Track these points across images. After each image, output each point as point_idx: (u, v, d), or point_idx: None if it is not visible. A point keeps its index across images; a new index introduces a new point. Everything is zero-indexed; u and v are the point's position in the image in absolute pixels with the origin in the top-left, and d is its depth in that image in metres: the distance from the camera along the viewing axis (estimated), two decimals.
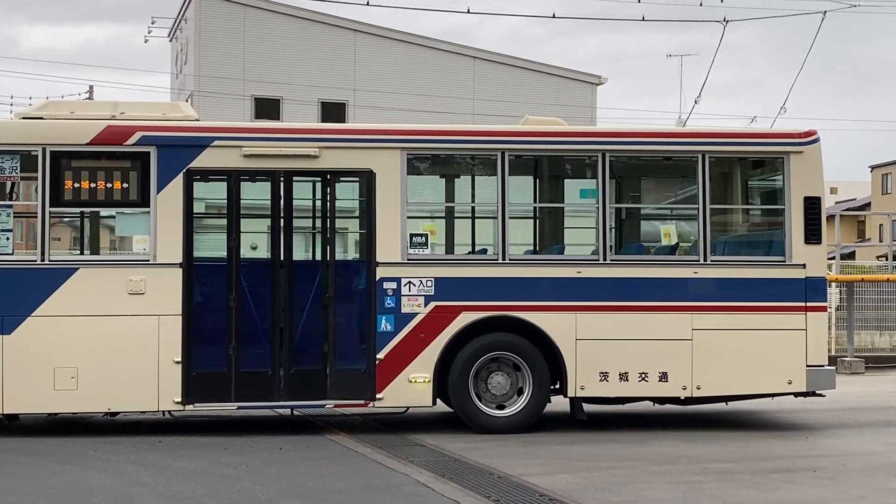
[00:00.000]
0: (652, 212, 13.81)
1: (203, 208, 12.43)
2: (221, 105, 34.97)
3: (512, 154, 11.88)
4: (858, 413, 13.66)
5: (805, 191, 11.92)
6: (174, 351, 11.20)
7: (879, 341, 20.81)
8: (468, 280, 11.61)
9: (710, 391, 11.80)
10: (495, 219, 11.79)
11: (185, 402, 11.24)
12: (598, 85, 41.04)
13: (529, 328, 11.59)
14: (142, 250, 11.39)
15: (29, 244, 12.06)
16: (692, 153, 12.05)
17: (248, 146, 11.50)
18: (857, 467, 9.86)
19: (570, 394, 11.64)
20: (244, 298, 11.44)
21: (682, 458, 10.25)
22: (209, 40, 37.08)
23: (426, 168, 12.60)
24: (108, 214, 12.13)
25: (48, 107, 11.91)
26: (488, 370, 11.69)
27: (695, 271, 11.82)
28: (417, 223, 12.04)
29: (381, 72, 37.93)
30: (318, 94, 37.30)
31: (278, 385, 11.41)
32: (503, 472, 9.42)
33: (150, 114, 11.69)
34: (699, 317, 11.71)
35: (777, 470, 9.71)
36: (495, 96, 37.55)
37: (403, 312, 11.48)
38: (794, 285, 11.81)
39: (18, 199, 11.77)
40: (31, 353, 11.05)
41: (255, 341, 11.47)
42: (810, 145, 12.02)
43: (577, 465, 9.90)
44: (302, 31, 38.05)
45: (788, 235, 11.88)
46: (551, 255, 12.51)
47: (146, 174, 11.32)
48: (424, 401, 11.49)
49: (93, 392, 11.15)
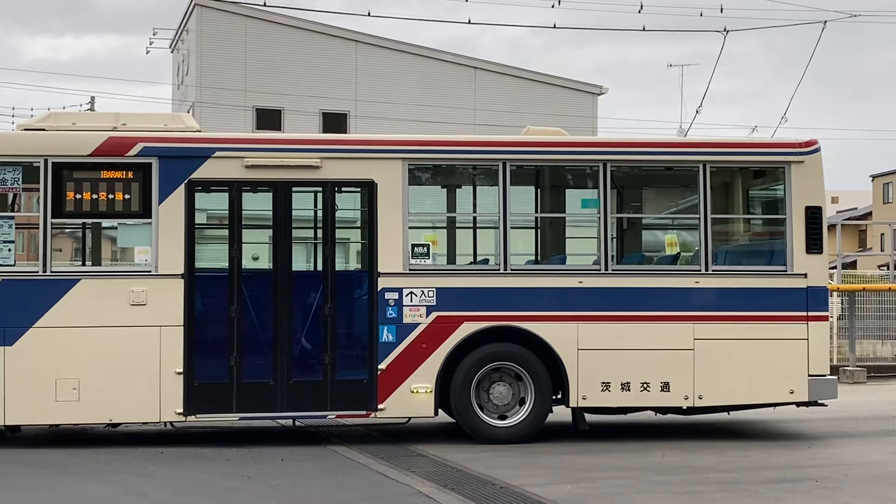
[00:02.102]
0: (653, 221, 13.82)
1: (205, 219, 12.43)
2: (223, 116, 34.99)
3: (513, 164, 11.89)
4: (861, 423, 13.64)
5: (806, 200, 11.93)
6: (176, 362, 11.20)
7: (881, 350, 20.80)
8: (470, 290, 11.62)
9: (711, 401, 11.79)
10: (497, 229, 11.80)
11: (187, 412, 11.24)
12: (599, 95, 41.04)
13: (531, 338, 11.59)
14: (143, 261, 11.40)
15: (31, 255, 12.05)
16: (693, 163, 12.06)
17: (250, 157, 11.51)
18: (860, 477, 9.85)
19: (572, 404, 11.63)
20: (246, 309, 11.44)
21: (684, 469, 10.24)
22: (211, 51, 37.12)
23: (427, 178, 12.61)
24: (109, 225, 12.14)
25: (50, 118, 11.93)
26: (490, 380, 11.69)
27: (696, 281, 11.83)
28: (419, 233, 12.05)
29: (382, 82, 37.96)
30: (320, 104, 37.32)
31: (280, 396, 11.41)
32: (505, 483, 9.41)
33: (152, 125, 11.70)
34: (701, 326, 11.71)
35: (779, 480, 9.70)
36: (496, 106, 37.55)
37: (405, 323, 11.48)
38: (795, 295, 11.80)
39: (20, 211, 11.79)
40: (32, 365, 11.05)
41: (256, 352, 11.48)
42: (811, 155, 12.03)
43: (580, 475, 9.89)
44: (303, 42, 38.08)
45: (790, 245, 11.88)
46: (553, 265, 12.51)
47: (148, 185, 11.34)
48: (426, 411, 11.49)
49: (94, 403, 11.15)
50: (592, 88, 41.06)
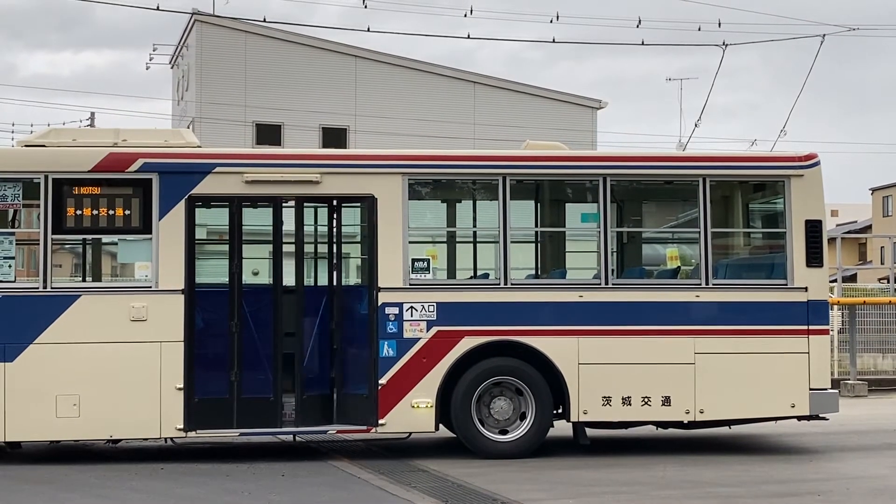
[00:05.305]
0: (653, 235, 13.83)
1: (205, 234, 12.44)
2: (223, 131, 35.05)
3: (513, 179, 11.90)
4: (862, 436, 13.62)
5: (806, 214, 11.94)
6: (176, 377, 11.18)
7: (882, 364, 20.77)
8: (470, 305, 11.61)
9: (713, 415, 11.77)
10: (497, 243, 11.80)
11: (188, 428, 11.22)
12: (598, 109, 41.09)
13: (532, 353, 11.58)
14: (144, 277, 11.41)
15: (31, 271, 12.06)
16: (693, 177, 12.07)
17: (250, 172, 11.52)
18: (862, 491, 9.83)
19: (573, 418, 11.62)
20: (246, 324, 11.44)
21: (685, 483, 10.22)
22: (210, 67, 37.19)
23: (428, 193, 12.62)
24: (110, 241, 12.12)
25: (50, 134, 11.95)
26: (491, 395, 11.67)
27: (697, 295, 11.82)
28: (419, 248, 12.05)
29: (381, 97, 38.02)
30: (319, 119, 37.37)
31: (280, 411, 11.40)
32: (507, 498, 9.39)
33: (152, 141, 11.72)
34: (702, 340, 11.70)
35: (781, 494, 9.68)
36: (496, 121, 37.61)
37: (405, 337, 11.47)
38: (796, 308, 11.80)
39: (20, 227, 11.80)
40: (33, 381, 11.04)
41: (256, 367, 11.46)
42: (811, 168, 12.04)
43: (581, 489, 9.87)
44: (303, 57, 38.16)
45: (790, 258, 11.88)
46: (553, 279, 12.51)
47: (148, 201, 11.34)
48: (427, 426, 11.47)
49: (95, 419, 11.13)
50: (591, 102, 41.12)
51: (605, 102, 41.28)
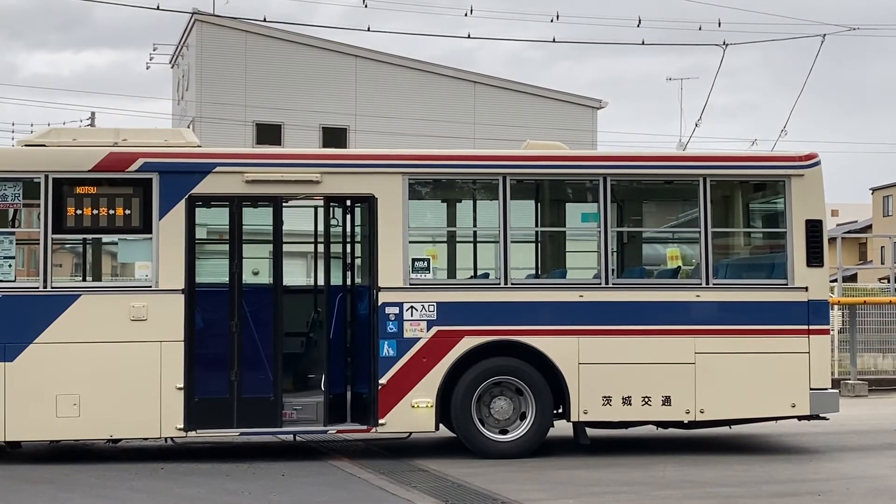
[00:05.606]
0: (654, 235, 13.82)
1: (205, 234, 12.44)
2: (223, 131, 35.04)
3: (513, 178, 11.89)
4: (863, 436, 13.62)
5: (806, 214, 11.93)
6: (176, 377, 11.18)
7: (882, 364, 20.76)
8: (470, 304, 11.61)
9: (713, 415, 11.77)
10: (497, 243, 11.80)
11: (188, 428, 11.22)
12: (598, 109, 41.08)
13: (532, 352, 11.58)
14: (144, 276, 11.40)
15: (31, 271, 12.06)
16: (693, 177, 12.07)
17: (250, 172, 11.52)
18: (862, 491, 9.83)
19: (573, 418, 11.62)
20: (246, 324, 11.44)
21: (685, 483, 10.21)
22: (210, 66, 37.17)
23: (428, 193, 12.62)
24: (110, 241, 12.13)
25: (50, 134, 11.95)
26: (491, 395, 11.67)
27: (697, 295, 11.82)
28: (419, 248, 12.04)
29: (382, 97, 38.01)
30: (320, 119, 37.36)
31: (280, 411, 11.39)
32: (507, 498, 9.38)
33: (152, 140, 11.72)
34: (702, 340, 11.70)
35: (781, 494, 9.68)
36: (496, 121, 37.60)
37: (406, 337, 11.46)
38: (796, 308, 11.80)
39: (21, 227, 11.80)
40: (33, 380, 11.04)
41: (257, 367, 11.46)
42: (811, 168, 12.04)
43: (581, 489, 9.87)
44: (303, 57, 38.15)
45: (790, 258, 11.88)
46: (553, 279, 12.51)
47: (148, 200, 11.34)
48: (427, 426, 11.47)
49: (95, 419, 11.13)
50: (592, 102, 41.11)
51: (605, 102, 41.27)
